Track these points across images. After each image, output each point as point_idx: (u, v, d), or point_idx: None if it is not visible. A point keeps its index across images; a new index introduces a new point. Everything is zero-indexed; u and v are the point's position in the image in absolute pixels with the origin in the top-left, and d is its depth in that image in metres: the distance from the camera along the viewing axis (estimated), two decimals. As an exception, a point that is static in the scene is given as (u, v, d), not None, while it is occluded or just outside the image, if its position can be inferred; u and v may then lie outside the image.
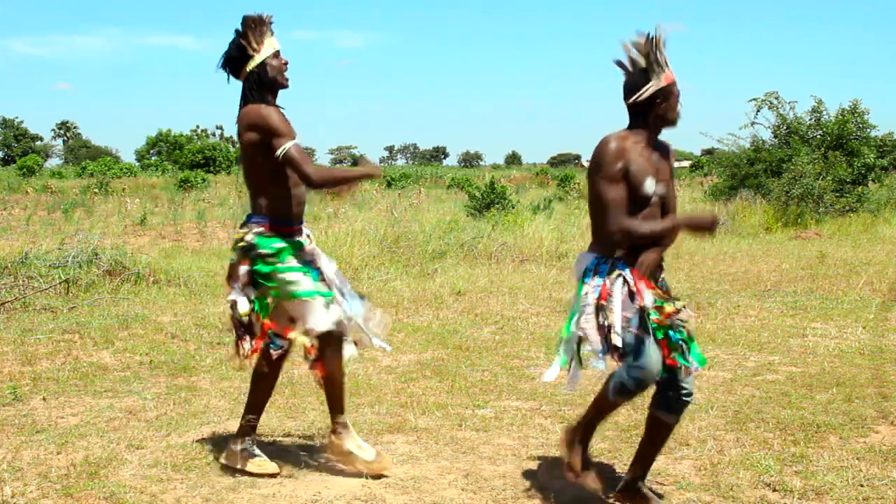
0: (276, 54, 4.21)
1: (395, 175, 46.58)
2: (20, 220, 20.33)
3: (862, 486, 4.11)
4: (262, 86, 4.17)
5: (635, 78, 3.73)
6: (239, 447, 4.38)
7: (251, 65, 4.15)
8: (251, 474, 4.29)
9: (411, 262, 12.26)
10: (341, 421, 4.37)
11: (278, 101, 4.26)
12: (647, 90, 3.69)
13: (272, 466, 4.34)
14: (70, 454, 4.61)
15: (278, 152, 4.05)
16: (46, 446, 4.73)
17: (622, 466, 4.43)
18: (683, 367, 3.69)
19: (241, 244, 4.19)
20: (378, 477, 4.27)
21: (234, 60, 4.19)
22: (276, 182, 4.19)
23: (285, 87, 4.25)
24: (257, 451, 4.38)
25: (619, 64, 3.77)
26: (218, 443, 4.80)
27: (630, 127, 3.77)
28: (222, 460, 4.41)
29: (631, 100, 3.73)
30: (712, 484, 4.18)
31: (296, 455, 4.62)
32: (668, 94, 3.71)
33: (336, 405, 4.37)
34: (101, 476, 4.29)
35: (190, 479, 4.29)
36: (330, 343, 4.19)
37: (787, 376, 6.17)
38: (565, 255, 13.22)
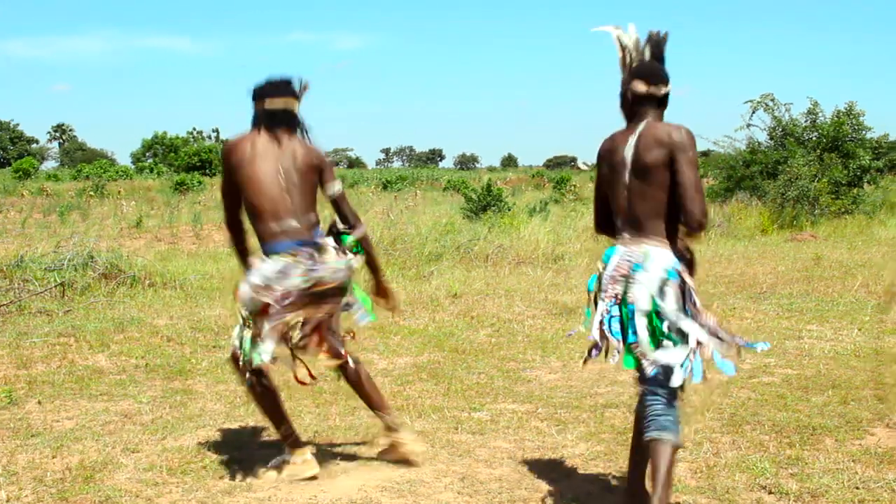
0: None
1: (391, 177, 46.61)
2: (15, 223, 20.31)
3: (857, 488, 4.11)
4: (290, 126, 4.37)
5: (662, 69, 3.73)
6: None
7: (286, 106, 4.35)
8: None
9: (407, 264, 12.26)
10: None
11: None
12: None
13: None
14: (65, 458, 4.61)
15: (336, 190, 4.40)
16: (42, 450, 4.73)
17: (618, 469, 4.44)
18: None
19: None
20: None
21: (285, 94, 4.36)
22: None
23: None
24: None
25: (658, 48, 3.75)
26: (214, 446, 4.79)
27: (657, 119, 3.70)
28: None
29: (668, 88, 3.68)
30: (708, 486, 4.18)
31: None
32: None
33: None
34: (96, 480, 4.29)
35: (186, 483, 4.28)
36: None
37: (782, 378, 6.17)
38: (561, 258, 13.23)
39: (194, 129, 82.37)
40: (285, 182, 4.24)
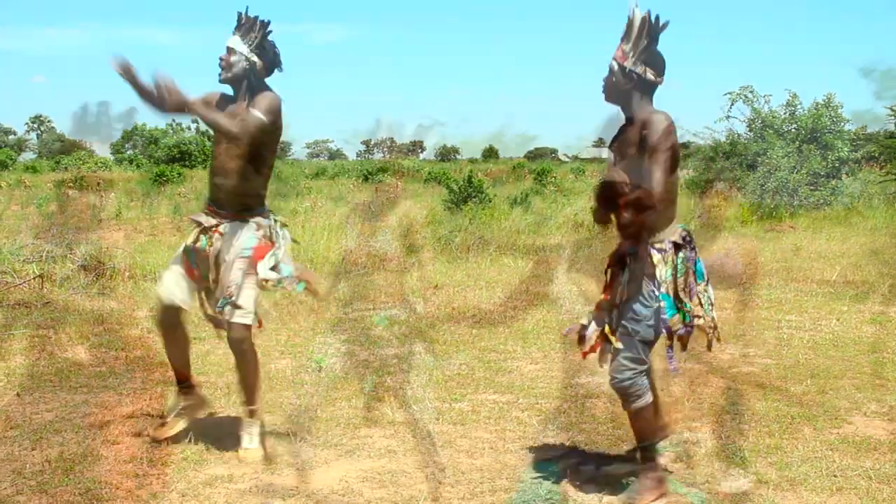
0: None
1: (372, 169, 46.42)
2: (-7, 215, 20.12)
3: (835, 476, 4.15)
4: None
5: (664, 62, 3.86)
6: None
7: None
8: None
9: (388, 255, 12.23)
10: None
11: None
12: None
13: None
14: (45, 450, 4.58)
15: None
16: (21, 442, 4.70)
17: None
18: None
19: None
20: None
21: None
22: None
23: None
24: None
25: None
26: (195, 438, 4.78)
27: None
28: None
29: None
30: (688, 476, 4.20)
31: (273, 449, 4.60)
32: None
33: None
34: (76, 472, 4.27)
35: (166, 475, 4.27)
36: None
37: (762, 368, 6.21)
38: (542, 249, 13.24)
39: (174, 120, 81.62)
40: None
